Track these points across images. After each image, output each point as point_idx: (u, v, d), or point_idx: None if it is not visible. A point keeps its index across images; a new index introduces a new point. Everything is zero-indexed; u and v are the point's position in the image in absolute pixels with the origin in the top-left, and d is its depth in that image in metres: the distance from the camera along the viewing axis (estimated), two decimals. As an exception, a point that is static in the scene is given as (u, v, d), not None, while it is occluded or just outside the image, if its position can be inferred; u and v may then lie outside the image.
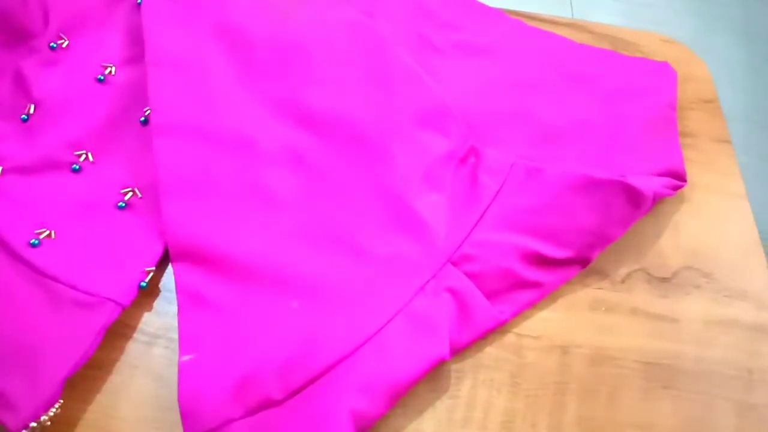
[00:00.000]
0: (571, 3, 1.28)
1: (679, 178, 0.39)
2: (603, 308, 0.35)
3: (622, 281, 0.36)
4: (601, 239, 0.35)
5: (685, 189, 0.40)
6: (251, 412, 0.28)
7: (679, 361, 0.34)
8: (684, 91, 0.45)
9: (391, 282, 0.32)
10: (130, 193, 0.34)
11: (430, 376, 0.32)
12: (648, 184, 0.36)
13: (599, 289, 0.36)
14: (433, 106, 0.38)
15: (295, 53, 0.38)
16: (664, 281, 0.37)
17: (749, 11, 1.34)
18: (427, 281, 0.33)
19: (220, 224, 0.33)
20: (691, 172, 0.41)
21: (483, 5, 0.46)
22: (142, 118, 0.37)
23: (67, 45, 0.38)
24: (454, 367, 0.32)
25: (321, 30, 0.40)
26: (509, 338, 0.34)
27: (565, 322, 0.35)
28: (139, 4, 0.39)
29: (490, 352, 0.33)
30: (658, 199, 0.37)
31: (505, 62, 0.43)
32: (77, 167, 0.34)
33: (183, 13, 0.39)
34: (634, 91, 0.42)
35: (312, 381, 0.29)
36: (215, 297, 0.31)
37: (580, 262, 0.35)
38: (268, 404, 0.28)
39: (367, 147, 0.36)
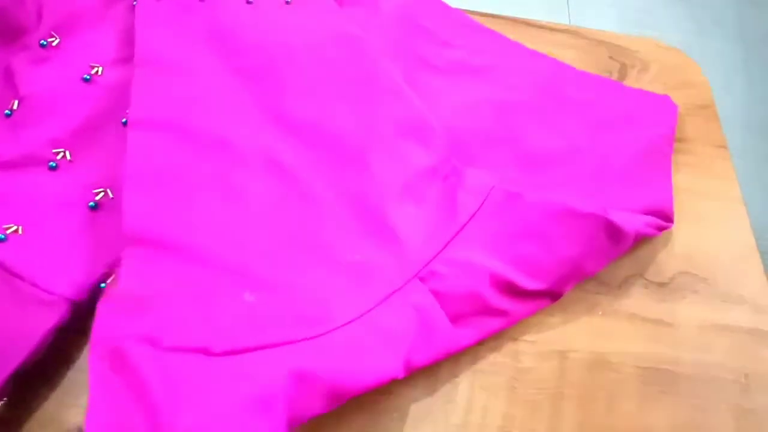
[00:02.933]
0: (568, 9, 1.29)
1: (665, 218, 0.37)
2: (600, 313, 0.35)
3: (619, 286, 0.36)
4: (575, 273, 0.34)
5: (682, 194, 0.40)
6: (179, 350, 0.27)
7: (677, 365, 0.34)
8: (680, 96, 0.45)
9: (355, 288, 0.32)
10: (102, 194, 0.34)
11: (428, 381, 0.32)
12: (630, 221, 0.35)
13: (597, 294, 0.36)
14: (415, 120, 0.38)
15: (281, 60, 0.38)
16: (661, 286, 0.37)
17: (745, 17, 1.35)
18: (392, 293, 0.32)
19: (181, 214, 0.32)
20: (688, 177, 0.41)
21: (481, 26, 0.46)
22: (125, 120, 0.36)
23: (58, 43, 0.38)
24: (452, 371, 0.32)
25: (310, 39, 0.40)
26: (507, 343, 0.34)
27: (563, 327, 0.35)
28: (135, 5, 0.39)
29: (488, 356, 0.33)
30: (639, 238, 0.36)
31: (499, 83, 0.43)
32: (54, 165, 0.34)
33: (176, 17, 0.39)
34: (630, 122, 0.41)
35: (253, 350, 0.28)
36: (164, 274, 0.30)
37: (551, 296, 0.34)
38: (200, 351, 0.28)
39: (346, 155, 0.36)
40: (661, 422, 0.32)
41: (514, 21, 0.49)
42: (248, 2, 0.40)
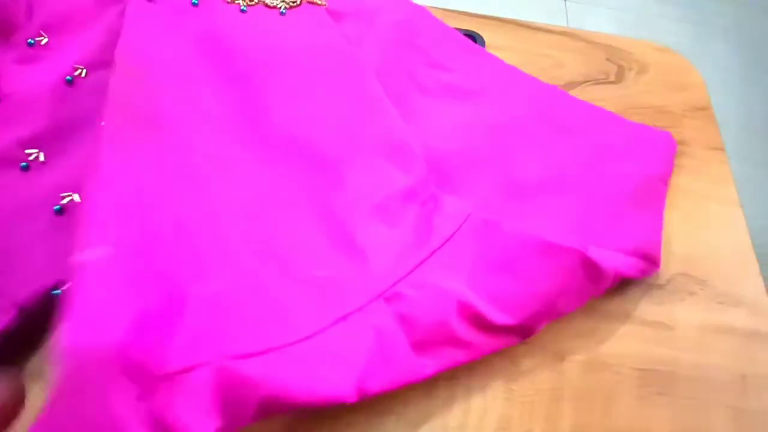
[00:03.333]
0: (566, 11, 1.29)
1: (651, 262, 0.36)
2: (598, 315, 0.35)
3: (617, 288, 0.36)
4: (549, 311, 0.33)
5: (679, 196, 0.40)
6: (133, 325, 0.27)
7: (675, 367, 0.34)
8: (677, 98, 0.45)
9: (314, 304, 0.30)
10: (69, 198, 0.33)
11: (426, 383, 0.32)
12: (612, 261, 0.34)
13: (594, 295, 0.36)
14: (396, 141, 0.37)
15: (268, 69, 0.38)
16: (658, 288, 0.37)
17: (742, 20, 1.35)
18: (351, 312, 0.30)
19: (144, 220, 0.31)
20: (685, 180, 0.41)
21: (478, 48, 0.45)
22: (103, 123, 0.36)
23: (46, 43, 0.38)
24: (450, 374, 0.32)
25: (299, 51, 0.39)
26: (504, 345, 0.34)
27: (560, 329, 0.35)
28: None
29: (485, 359, 0.33)
30: (618, 280, 0.35)
31: (490, 108, 0.42)
32: (26, 165, 0.34)
33: (166, 19, 0.39)
34: (625, 157, 0.40)
35: (191, 369, 0.27)
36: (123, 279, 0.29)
37: (521, 333, 0.32)
38: (146, 317, 0.27)
39: (320, 168, 0.35)
40: (659, 424, 0.32)
41: (513, 23, 0.49)
42: (242, 11, 0.40)
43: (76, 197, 0.33)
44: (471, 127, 0.41)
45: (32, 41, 0.38)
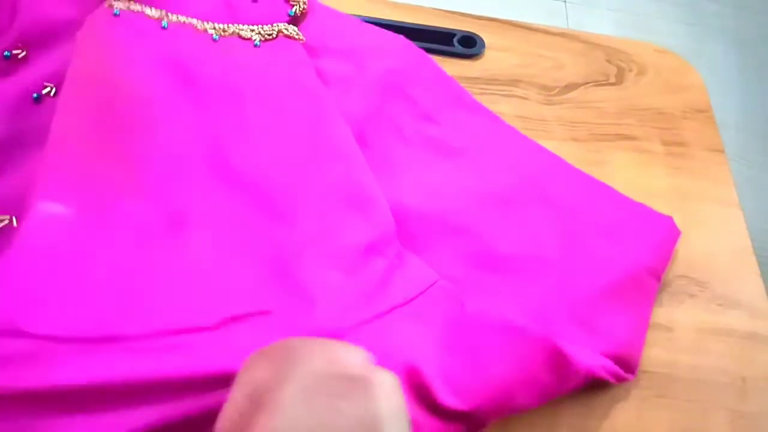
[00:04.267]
0: (566, 13, 1.29)
1: (627, 367, 0.32)
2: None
3: (617, 289, 0.36)
4: (505, 403, 0.29)
5: (679, 198, 0.40)
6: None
7: (674, 369, 0.34)
8: (677, 99, 0.45)
9: (253, 341, 0.27)
10: (6, 221, 0.31)
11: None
12: (584, 358, 0.30)
13: (593, 297, 0.36)
14: (360, 191, 0.35)
15: (232, 101, 0.37)
16: (658, 290, 0.37)
17: (742, 21, 1.35)
18: None
19: (80, 250, 0.30)
20: (684, 181, 0.41)
21: (476, 102, 0.42)
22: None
23: (24, 56, 0.37)
24: None
25: (267, 86, 0.38)
26: (504, 346, 0.34)
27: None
28: (116, 14, 0.38)
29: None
30: (589, 380, 0.31)
31: (471, 172, 0.38)
32: None
33: (130, 40, 0.37)
34: (615, 240, 0.36)
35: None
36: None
37: (470, 422, 0.29)
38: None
39: (272, 208, 0.34)
40: (658, 426, 0.32)
41: (513, 25, 0.49)
42: (213, 40, 0.39)
43: (14, 222, 0.31)
44: (449, 189, 0.37)
45: (8, 54, 0.36)
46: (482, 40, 0.47)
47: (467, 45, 0.47)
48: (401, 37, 0.43)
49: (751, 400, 0.33)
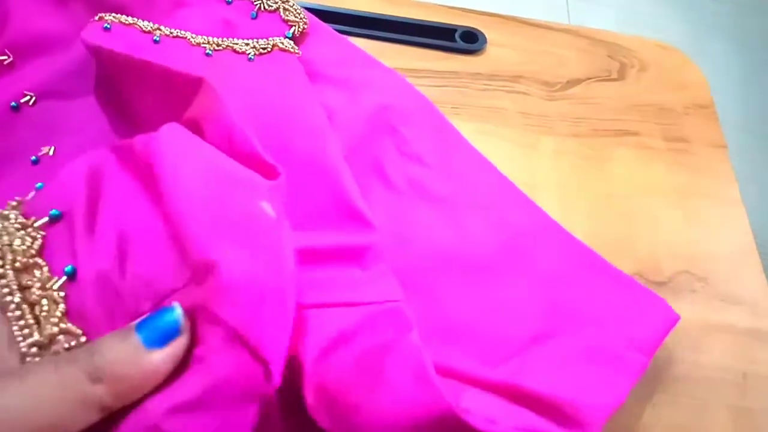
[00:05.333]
0: (567, 9, 1.29)
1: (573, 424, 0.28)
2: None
3: (618, 286, 0.36)
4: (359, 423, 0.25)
5: (681, 193, 0.40)
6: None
7: (674, 366, 0.34)
8: (679, 96, 0.45)
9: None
10: None
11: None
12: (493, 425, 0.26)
13: (595, 293, 0.36)
14: (350, 206, 0.32)
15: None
16: (659, 285, 0.37)
17: (744, 18, 1.35)
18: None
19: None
20: (686, 178, 0.41)
21: (470, 147, 0.39)
22: (34, 157, 0.34)
23: (9, 62, 0.36)
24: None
25: (258, 100, 0.35)
26: (505, 342, 0.34)
27: (561, 327, 0.34)
28: (107, 28, 0.36)
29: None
30: None
31: (454, 224, 0.35)
32: None
33: (121, 52, 0.36)
34: (604, 313, 0.32)
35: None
36: None
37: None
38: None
39: None
40: (658, 422, 0.32)
41: (514, 20, 0.49)
42: (207, 54, 0.37)
43: None
44: (421, 240, 0.34)
45: None
46: (484, 35, 0.47)
47: (469, 40, 0.47)
48: (402, 76, 0.41)
49: (753, 397, 0.33)
